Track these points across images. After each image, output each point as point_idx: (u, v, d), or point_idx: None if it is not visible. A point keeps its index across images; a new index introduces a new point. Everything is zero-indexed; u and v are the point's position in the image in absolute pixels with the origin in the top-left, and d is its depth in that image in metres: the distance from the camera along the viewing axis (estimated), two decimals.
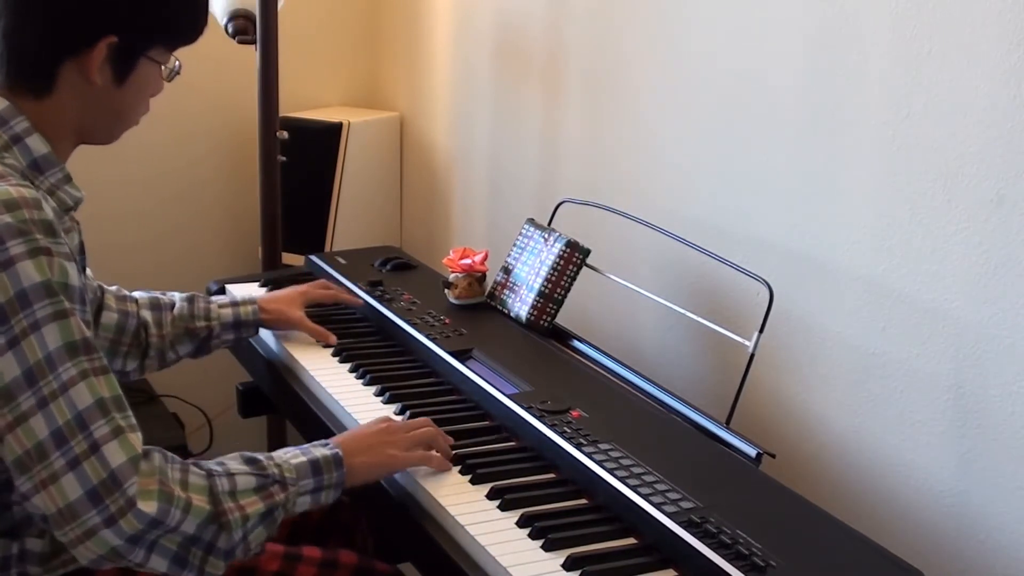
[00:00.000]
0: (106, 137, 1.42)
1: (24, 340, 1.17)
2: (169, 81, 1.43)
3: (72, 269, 1.23)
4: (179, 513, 1.20)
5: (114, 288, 1.72)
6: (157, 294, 1.76)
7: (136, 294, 1.74)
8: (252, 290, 2.13)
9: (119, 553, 1.19)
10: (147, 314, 1.72)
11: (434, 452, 1.44)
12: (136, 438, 1.21)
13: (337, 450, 1.36)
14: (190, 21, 1.41)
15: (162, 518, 1.19)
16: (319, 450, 1.36)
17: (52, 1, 1.30)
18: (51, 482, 1.16)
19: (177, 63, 1.43)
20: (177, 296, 1.77)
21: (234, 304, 1.81)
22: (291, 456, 1.34)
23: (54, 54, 1.31)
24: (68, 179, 1.35)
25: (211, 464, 1.29)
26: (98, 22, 1.31)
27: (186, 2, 1.40)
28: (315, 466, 1.33)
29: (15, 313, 1.17)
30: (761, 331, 1.60)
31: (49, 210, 1.23)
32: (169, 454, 1.25)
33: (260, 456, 1.32)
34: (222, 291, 2.16)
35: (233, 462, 1.30)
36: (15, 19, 1.31)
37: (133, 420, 1.23)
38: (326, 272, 2.19)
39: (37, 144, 1.31)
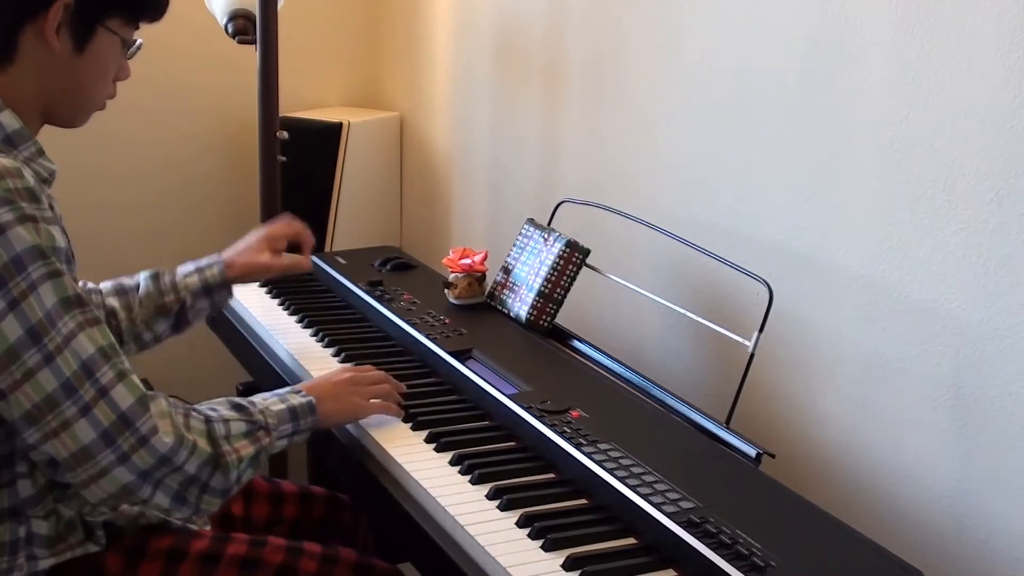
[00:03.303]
0: (70, 116, 1.42)
1: (24, 301, 1.22)
2: (128, 59, 1.44)
3: (57, 232, 1.28)
4: (186, 453, 1.29)
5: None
6: (122, 279, 1.74)
7: (101, 285, 1.73)
8: (251, 288, 2.13)
9: (129, 490, 1.27)
10: (113, 301, 1.71)
11: (391, 404, 1.58)
12: (137, 379, 1.28)
13: (311, 398, 1.48)
14: None
15: (172, 455, 1.28)
16: (295, 398, 1.48)
17: None
18: (63, 429, 1.23)
19: (138, 41, 1.43)
20: (142, 275, 1.75)
21: (199, 269, 1.78)
22: (271, 403, 1.45)
23: (13, 18, 1.32)
24: (41, 152, 1.37)
25: (205, 410, 1.38)
26: None
27: None
28: (293, 413, 1.46)
29: (12, 277, 1.22)
30: (761, 331, 1.60)
31: (30, 177, 1.26)
32: (171, 399, 1.34)
33: (245, 403, 1.43)
34: None
35: (224, 408, 1.40)
36: None
37: (128, 364, 1.29)
38: (326, 272, 2.19)
39: (9, 119, 1.33)
